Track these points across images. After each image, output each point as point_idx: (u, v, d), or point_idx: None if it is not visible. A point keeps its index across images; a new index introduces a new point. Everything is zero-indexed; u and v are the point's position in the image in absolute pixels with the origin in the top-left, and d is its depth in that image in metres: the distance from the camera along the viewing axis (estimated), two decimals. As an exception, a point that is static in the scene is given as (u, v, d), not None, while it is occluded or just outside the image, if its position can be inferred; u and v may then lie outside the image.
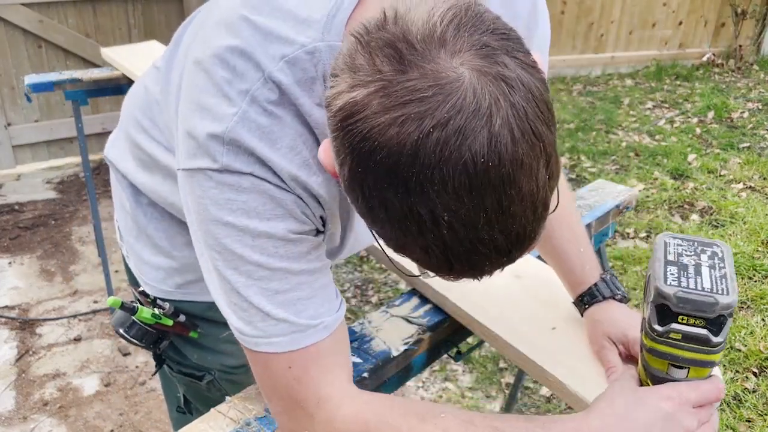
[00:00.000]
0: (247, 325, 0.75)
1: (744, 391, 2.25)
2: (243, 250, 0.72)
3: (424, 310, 1.19)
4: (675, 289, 0.70)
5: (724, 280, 0.71)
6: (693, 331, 0.70)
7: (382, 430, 0.74)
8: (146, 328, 1.06)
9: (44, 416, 2.26)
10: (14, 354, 2.54)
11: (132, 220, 1.10)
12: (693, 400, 0.72)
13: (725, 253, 0.75)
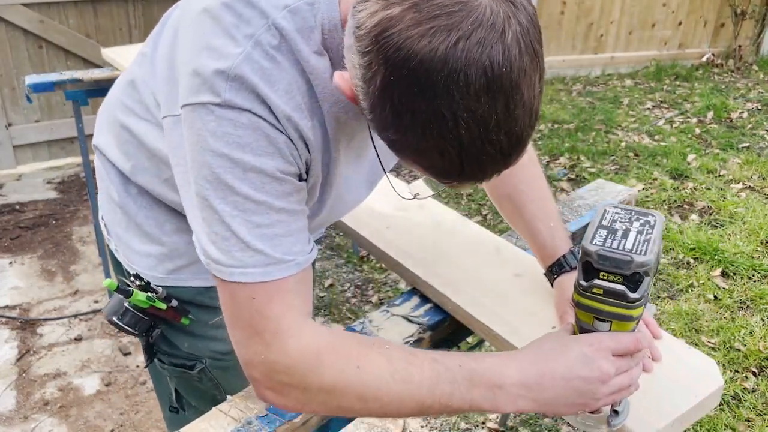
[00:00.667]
0: (225, 254, 0.81)
1: (743, 391, 2.25)
2: (233, 181, 0.79)
3: (425, 309, 1.19)
4: (597, 247, 0.79)
5: (646, 244, 0.79)
6: (612, 287, 0.79)
7: (333, 356, 0.81)
8: (139, 315, 1.08)
9: (45, 416, 2.27)
10: (15, 354, 2.55)
11: (121, 211, 1.12)
12: (612, 348, 0.82)
13: (657, 222, 0.83)
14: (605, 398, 0.83)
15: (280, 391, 0.83)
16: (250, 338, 0.82)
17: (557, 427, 2.18)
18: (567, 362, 0.82)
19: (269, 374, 0.82)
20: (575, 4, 5.48)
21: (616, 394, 0.84)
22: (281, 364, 0.81)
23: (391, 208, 1.48)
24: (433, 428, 2.20)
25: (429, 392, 0.81)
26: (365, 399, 0.81)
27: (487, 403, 0.82)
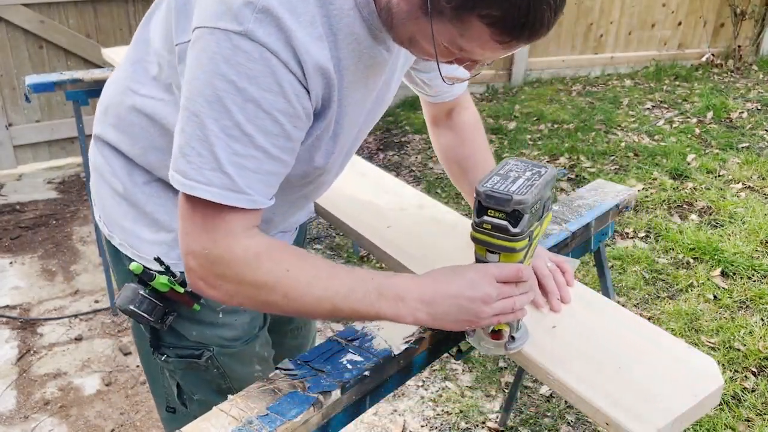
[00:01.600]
0: (194, 170, 0.87)
1: (743, 391, 2.26)
2: (232, 107, 0.84)
3: (425, 309, 1.19)
4: (486, 189, 0.93)
5: (529, 188, 0.92)
6: (497, 222, 0.93)
7: (269, 259, 0.92)
8: (155, 302, 1.11)
9: (45, 416, 2.27)
10: (15, 353, 2.55)
11: (127, 203, 1.14)
12: (496, 275, 0.96)
13: (547, 173, 0.96)
14: (488, 318, 0.97)
15: (212, 283, 0.92)
16: (199, 234, 0.91)
17: (557, 427, 2.18)
18: (457, 284, 0.96)
19: (209, 266, 0.91)
20: (575, 5, 5.48)
21: (499, 315, 0.97)
22: (224, 259, 0.90)
23: (391, 207, 1.48)
24: (433, 428, 2.20)
25: (344, 298, 0.93)
26: (289, 298, 0.93)
27: (391, 312, 0.96)
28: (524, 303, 0.99)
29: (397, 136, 4.73)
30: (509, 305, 0.97)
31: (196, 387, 1.24)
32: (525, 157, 4.22)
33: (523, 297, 0.99)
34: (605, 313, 1.13)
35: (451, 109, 1.36)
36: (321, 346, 1.10)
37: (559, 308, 1.14)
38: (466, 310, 0.96)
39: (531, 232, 0.95)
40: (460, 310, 0.96)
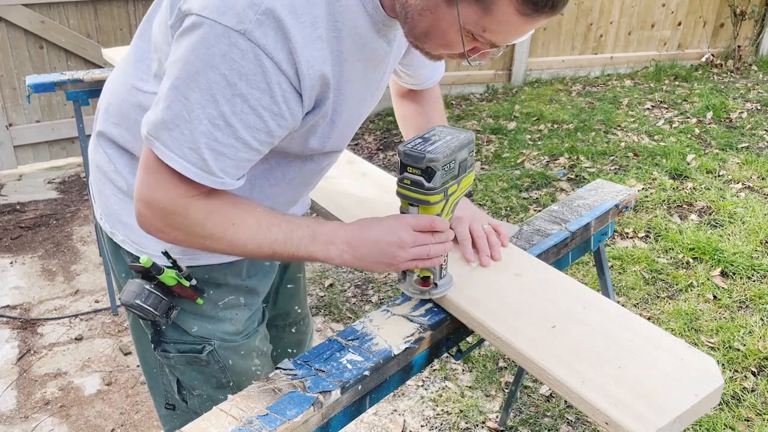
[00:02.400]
0: (175, 144, 0.93)
1: (743, 391, 2.26)
2: (220, 98, 0.89)
3: (425, 308, 1.20)
4: (405, 148, 1.05)
5: (444, 148, 1.05)
6: (414, 178, 1.06)
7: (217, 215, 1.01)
8: (161, 296, 1.15)
9: (45, 415, 2.27)
10: (16, 353, 2.55)
11: (131, 200, 1.14)
12: (413, 224, 1.08)
13: (463, 137, 1.09)
14: (405, 262, 1.09)
15: (162, 229, 1.01)
16: (158, 189, 0.98)
17: (557, 426, 2.19)
18: (377, 230, 1.08)
19: (162, 216, 1.00)
20: (575, 5, 5.48)
21: (415, 260, 1.10)
22: (178, 215, 0.99)
23: (391, 207, 1.48)
24: (433, 427, 2.21)
25: (282, 244, 1.05)
26: (234, 246, 1.04)
27: (322, 254, 1.08)
28: (439, 251, 1.11)
29: (397, 136, 4.74)
30: (424, 252, 1.09)
31: (196, 382, 1.26)
32: (525, 157, 4.22)
33: (438, 246, 1.10)
34: (605, 312, 1.13)
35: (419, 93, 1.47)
36: (321, 346, 1.10)
37: (488, 263, 1.26)
38: (385, 253, 1.08)
39: (446, 189, 1.09)
40: (380, 253, 1.08)
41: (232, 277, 1.22)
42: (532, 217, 1.52)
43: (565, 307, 1.14)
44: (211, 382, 1.25)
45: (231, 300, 1.22)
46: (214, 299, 1.21)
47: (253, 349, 1.28)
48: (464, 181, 1.13)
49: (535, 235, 1.42)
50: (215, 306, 1.22)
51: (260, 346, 1.31)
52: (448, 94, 5.36)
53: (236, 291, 1.24)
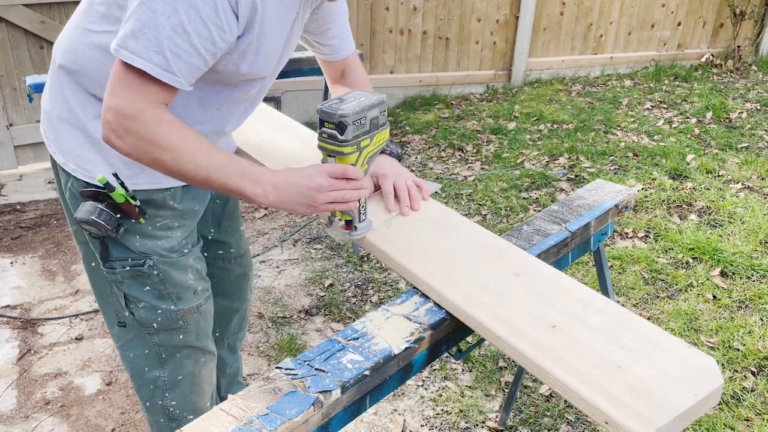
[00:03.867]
0: (142, 49, 1.12)
1: (743, 390, 2.26)
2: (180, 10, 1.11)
3: (425, 308, 1.20)
4: (322, 106, 1.24)
5: (355, 106, 1.24)
6: (329, 131, 1.25)
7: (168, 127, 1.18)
8: (111, 214, 1.33)
9: (46, 415, 2.27)
10: (16, 353, 2.55)
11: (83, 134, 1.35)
12: (328, 171, 1.26)
13: (375, 99, 1.29)
14: (323, 204, 1.27)
15: (120, 135, 1.18)
16: (123, 95, 1.16)
17: (557, 426, 2.19)
18: (299, 175, 1.26)
19: (121, 120, 1.17)
20: (575, 5, 5.49)
21: (332, 203, 1.28)
22: (134, 118, 1.16)
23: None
24: (433, 427, 2.21)
25: (216, 171, 1.22)
26: (175, 160, 1.20)
27: (250, 191, 1.23)
28: (354, 196, 1.29)
29: (397, 136, 4.74)
30: (340, 195, 1.27)
31: (141, 294, 1.45)
32: (525, 157, 4.22)
33: (352, 192, 1.29)
34: (605, 312, 1.13)
35: (343, 69, 1.67)
36: (321, 345, 1.11)
37: (407, 213, 1.45)
38: (305, 196, 1.26)
39: (359, 143, 1.28)
40: (301, 196, 1.26)
41: (169, 201, 1.43)
42: (532, 217, 1.52)
43: (565, 307, 1.14)
44: (154, 293, 1.45)
45: (167, 222, 1.44)
46: (153, 220, 1.41)
47: (188, 266, 1.48)
48: (377, 138, 1.32)
49: (535, 235, 1.43)
50: (154, 226, 1.42)
51: (194, 264, 1.51)
52: (448, 94, 5.36)
53: (172, 214, 1.45)
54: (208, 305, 1.57)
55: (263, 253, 3.29)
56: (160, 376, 1.54)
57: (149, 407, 1.60)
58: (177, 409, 1.59)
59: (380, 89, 5.15)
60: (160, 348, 1.51)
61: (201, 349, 1.58)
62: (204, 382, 1.63)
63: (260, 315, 2.80)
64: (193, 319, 1.52)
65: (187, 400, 1.59)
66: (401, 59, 5.17)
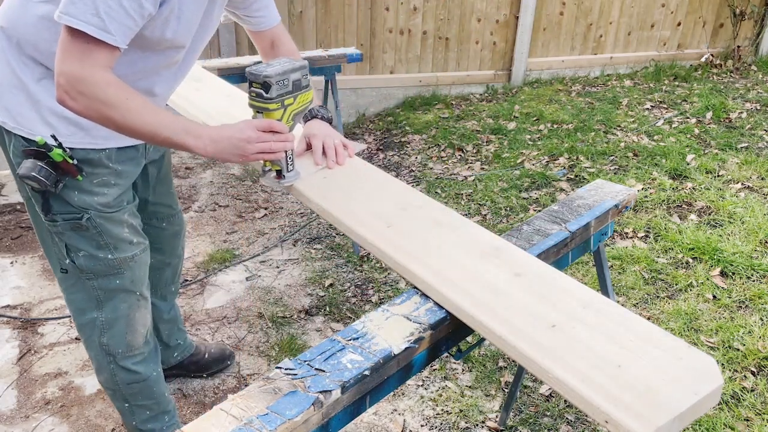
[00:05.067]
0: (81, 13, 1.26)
1: (742, 390, 2.26)
2: None
3: (425, 308, 1.20)
4: (249, 69, 1.45)
5: (278, 69, 1.45)
6: (257, 90, 1.46)
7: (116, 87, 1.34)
8: (51, 171, 1.48)
9: (46, 415, 2.27)
10: (16, 353, 2.55)
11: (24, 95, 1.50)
12: (257, 125, 1.46)
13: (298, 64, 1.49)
14: (253, 154, 1.46)
15: (73, 96, 1.32)
16: (72, 60, 1.31)
17: (557, 426, 2.19)
18: (231, 129, 1.45)
19: (74, 83, 1.31)
20: (574, 5, 5.49)
21: (261, 153, 1.46)
22: (85, 80, 1.31)
23: (391, 207, 1.48)
24: (433, 427, 2.21)
25: (162, 127, 1.38)
26: (125, 117, 1.35)
27: (192, 144, 1.41)
28: (279, 147, 1.49)
29: (397, 136, 4.74)
30: (267, 147, 1.46)
31: (80, 244, 1.63)
32: (525, 157, 4.22)
33: (278, 143, 1.48)
34: (605, 312, 1.13)
35: (272, 40, 1.87)
36: (321, 345, 1.11)
37: (333, 167, 1.66)
38: (236, 147, 1.44)
39: (283, 101, 1.48)
40: (233, 147, 1.44)
41: (105, 160, 1.59)
42: (532, 217, 1.52)
43: (565, 306, 1.15)
44: (92, 243, 1.63)
45: (104, 179, 1.60)
46: (91, 177, 1.57)
47: (124, 221, 1.67)
48: (300, 98, 1.53)
49: (535, 235, 1.43)
50: (91, 183, 1.58)
51: (129, 220, 1.69)
52: (448, 94, 5.37)
53: (108, 172, 1.60)
54: (144, 256, 1.76)
55: (263, 253, 3.29)
56: (98, 317, 1.76)
57: (88, 343, 1.82)
58: (113, 345, 1.80)
59: (380, 89, 5.16)
60: (98, 292, 1.72)
61: (136, 294, 1.78)
62: (138, 324, 1.82)
63: (260, 315, 2.81)
64: (128, 267, 1.71)
65: (122, 338, 1.80)
66: (401, 59, 5.17)
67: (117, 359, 1.82)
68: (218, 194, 3.92)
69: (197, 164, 4.32)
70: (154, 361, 1.92)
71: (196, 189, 3.98)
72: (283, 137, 1.49)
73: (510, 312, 1.13)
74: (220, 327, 2.73)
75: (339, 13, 4.82)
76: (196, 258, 3.23)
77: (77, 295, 1.74)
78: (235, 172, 4.21)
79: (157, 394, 1.94)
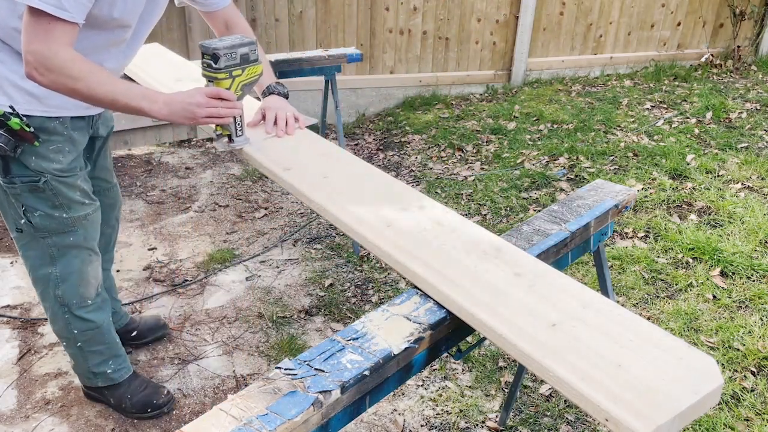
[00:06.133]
0: None
1: (742, 390, 2.26)
2: None
3: (425, 308, 1.20)
4: (202, 43, 1.65)
5: (227, 43, 1.65)
6: (207, 61, 1.66)
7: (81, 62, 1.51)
8: (9, 137, 1.64)
9: (46, 415, 2.27)
10: (16, 353, 2.55)
11: None
12: (206, 92, 1.65)
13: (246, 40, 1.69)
14: (202, 118, 1.64)
15: (41, 72, 1.49)
16: (37, 40, 1.46)
17: (557, 426, 2.19)
18: (184, 95, 1.63)
19: (41, 61, 1.48)
20: (574, 5, 5.49)
21: (208, 117, 1.65)
22: (51, 57, 1.48)
23: (391, 207, 1.48)
24: (433, 427, 2.21)
25: (122, 94, 1.58)
26: (89, 88, 1.53)
27: (147, 107, 1.60)
28: (226, 113, 1.67)
29: (397, 136, 4.74)
30: (215, 112, 1.65)
31: (37, 204, 1.81)
32: (525, 157, 4.22)
33: (225, 110, 1.67)
34: (604, 312, 1.13)
35: (226, 21, 2.03)
36: (321, 345, 1.11)
37: (282, 135, 1.87)
38: (187, 110, 1.62)
39: (231, 71, 1.67)
40: (184, 110, 1.62)
41: (59, 128, 1.76)
42: (532, 217, 1.52)
43: (565, 306, 1.15)
44: (48, 204, 1.82)
45: (59, 146, 1.78)
46: (47, 144, 1.75)
47: (76, 185, 1.86)
48: (248, 70, 1.71)
49: (534, 235, 1.43)
50: (47, 149, 1.76)
51: (81, 185, 1.88)
52: (448, 94, 5.36)
53: (62, 139, 1.78)
54: (96, 215, 1.97)
55: (263, 253, 3.29)
56: (52, 272, 1.95)
57: (44, 296, 2.01)
58: (67, 297, 1.99)
59: (380, 89, 5.16)
60: (52, 249, 1.90)
61: (88, 249, 1.97)
62: (90, 276, 2.02)
63: (260, 315, 2.81)
64: (81, 225, 1.91)
65: (75, 291, 2.00)
66: (401, 59, 5.17)
67: (71, 309, 2.02)
68: (218, 194, 3.92)
69: (197, 164, 4.32)
70: (105, 311, 2.12)
71: (196, 189, 3.98)
72: (231, 104, 1.68)
73: (510, 311, 1.13)
74: (220, 327, 2.73)
75: (339, 13, 4.82)
76: (196, 258, 3.23)
77: (32, 252, 1.92)
78: (235, 173, 4.21)
79: (108, 340, 2.15)
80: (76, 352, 2.13)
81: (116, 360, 2.20)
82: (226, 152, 1.82)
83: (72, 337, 2.08)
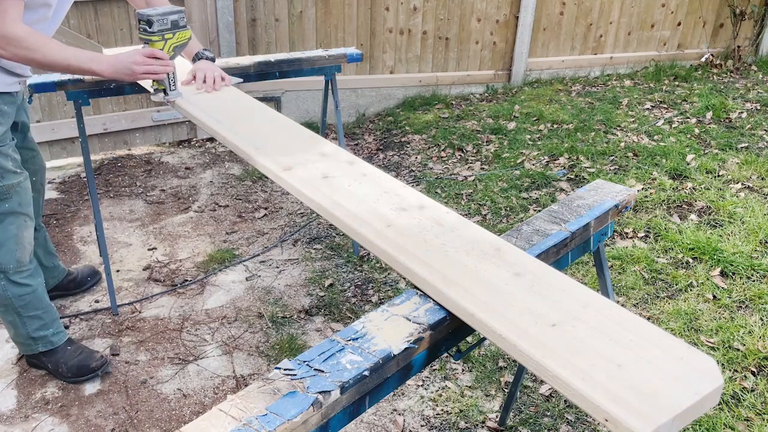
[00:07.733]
0: None
1: (742, 390, 2.26)
2: None
3: (425, 308, 1.20)
4: (138, 10, 2.05)
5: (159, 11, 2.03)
6: (143, 27, 2.03)
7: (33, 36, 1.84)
8: None
9: (45, 415, 2.27)
10: (16, 353, 2.55)
11: None
12: (142, 52, 2.02)
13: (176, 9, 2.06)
14: (140, 74, 2.02)
15: (3, 47, 1.81)
16: None
17: (557, 426, 2.19)
18: (125, 55, 2.00)
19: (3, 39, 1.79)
20: (574, 5, 5.49)
21: (145, 74, 2.02)
22: (10, 35, 1.81)
23: (391, 208, 1.48)
24: (433, 427, 2.21)
25: (73, 59, 1.94)
26: (44, 56, 1.87)
27: (96, 68, 1.97)
28: (161, 70, 2.04)
29: (397, 136, 4.74)
30: (151, 69, 2.02)
31: None
32: (525, 157, 4.22)
33: (159, 67, 2.04)
34: (604, 312, 1.13)
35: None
36: (321, 345, 1.10)
37: (210, 91, 2.23)
38: (127, 67, 1.99)
39: (163, 35, 2.04)
40: (125, 68, 1.99)
41: None
42: (532, 217, 1.52)
43: (565, 306, 1.15)
44: None
45: None
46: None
47: (8, 155, 2.08)
48: (178, 34, 2.09)
49: (534, 235, 1.43)
50: None
51: (12, 154, 2.10)
52: (448, 94, 5.36)
53: None
54: (27, 183, 2.15)
55: (263, 253, 3.29)
56: None
57: None
58: (4, 263, 2.15)
59: (380, 89, 5.16)
60: None
61: (24, 215, 2.16)
62: (26, 242, 2.20)
63: (260, 315, 2.81)
64: (15, 192, 2.10)
65: (12, 256, 2.16)
66: (401, 59, 5.17)
67: (8, 275, 2.17)
68: (218, 194, 3.92)
69: (197, 164, 4.32)
70: (39, 275, 2.29)
71: (196, 189, 3.98)
72: (164, 63, 2.04)
73: (510, 311, 1.13)
74: (220, 327, 2.73)
75: (339, 13, 4.82)
76: (196, 258, 3.23)
77: None
78: (235, 173, 4.21)
79: (44, 304, 2.31)
80: (15, 319, 2.27)
81: (54, 323, 2.36)
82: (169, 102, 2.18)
83: (9, 304, 2.22)
